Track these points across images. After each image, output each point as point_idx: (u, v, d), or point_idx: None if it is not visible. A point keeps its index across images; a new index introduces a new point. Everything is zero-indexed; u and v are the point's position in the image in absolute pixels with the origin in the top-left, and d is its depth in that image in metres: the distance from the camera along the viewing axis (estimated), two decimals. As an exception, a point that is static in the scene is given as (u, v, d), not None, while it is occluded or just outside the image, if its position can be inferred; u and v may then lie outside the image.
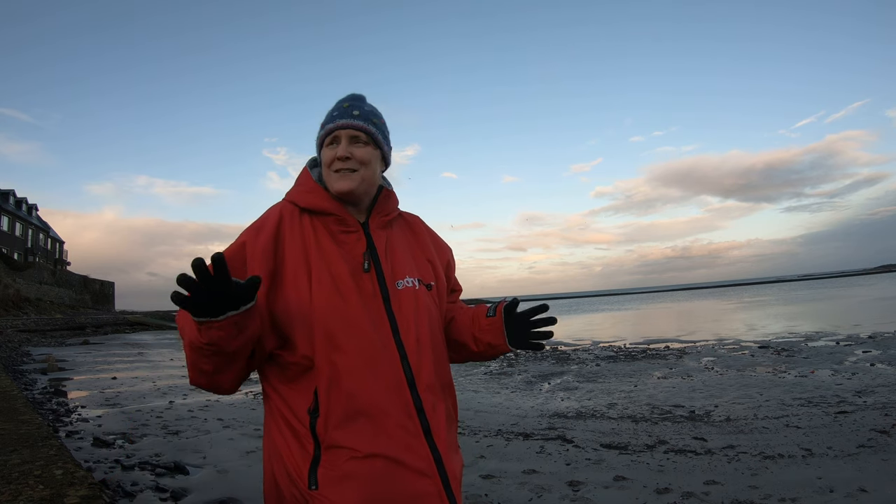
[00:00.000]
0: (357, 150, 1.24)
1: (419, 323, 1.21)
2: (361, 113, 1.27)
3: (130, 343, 20.25)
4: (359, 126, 1.25)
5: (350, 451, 1.09)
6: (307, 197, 1.25)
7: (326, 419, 1.10)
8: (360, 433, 1.10)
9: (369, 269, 1.21)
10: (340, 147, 1.24)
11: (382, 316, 1.18)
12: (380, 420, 1.11)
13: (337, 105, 1.30)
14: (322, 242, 1.20)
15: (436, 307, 1.30)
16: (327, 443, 1.10)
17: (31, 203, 48.06)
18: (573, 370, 9.79)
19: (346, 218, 1.24)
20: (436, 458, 1.14)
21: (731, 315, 24.64)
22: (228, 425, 5.46)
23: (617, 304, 63.05)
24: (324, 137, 1.27)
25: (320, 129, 1.29)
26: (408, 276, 1.25)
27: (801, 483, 3.45)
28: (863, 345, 10.53)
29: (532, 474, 3.85)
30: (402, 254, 1.29)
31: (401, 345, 1.17)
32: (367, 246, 1.24)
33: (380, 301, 1.19)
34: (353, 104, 1.29)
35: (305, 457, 1.11)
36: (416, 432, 1.13)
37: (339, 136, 1.25)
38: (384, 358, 1.14)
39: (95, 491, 1.78)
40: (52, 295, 40.92)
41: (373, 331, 1.15)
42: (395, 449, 1.10)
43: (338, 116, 1.26)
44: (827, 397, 6.17)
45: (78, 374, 10.03)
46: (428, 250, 1.38)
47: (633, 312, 36.86)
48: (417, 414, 1.14)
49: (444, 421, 1.20)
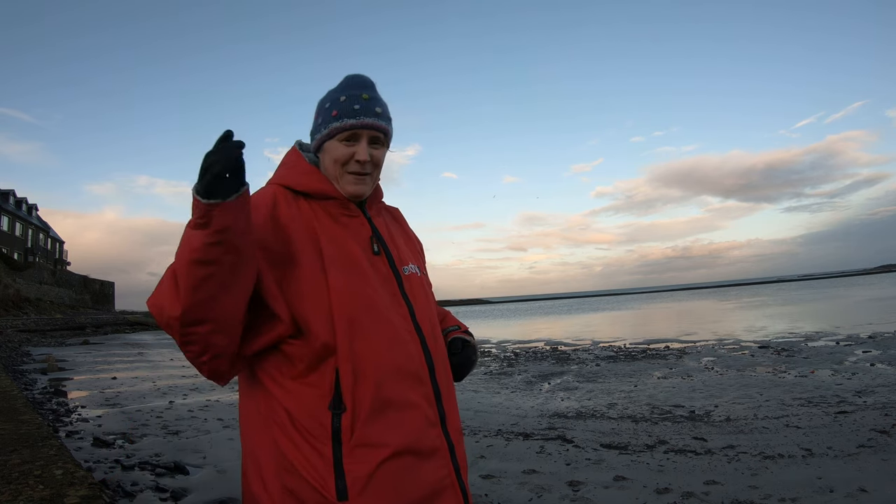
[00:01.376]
0: (376, 153, 1.17)
1: (430, 308, 1.19)
2: (383, 111, 1.17)
3: (130, 343, 20.26)
4: (383, 128, 1.16)
5: (380, 450, 1.01)
6: (304, 179, 1.16)
7: (354, 414, 1.01)
8: (390, 426, 1.03)
9: (379, 252, 1.15)
10: (361, 149, 1.14)
11: (400, 300, 1.13)
12: (408, 410, 1.05)
13: (353, 93, 1.16)
14: (326, 224, 1.12)
15: (433, 296, 1.30)
16: (354, 441, 1.00)
17: (31, 203, 48.11)
18: (573, 370, 9.78)
19: (347, 203, 1.17)
20: (449, 447, 1.12)
21: (731, 315, 24.64)
22: (228, 425, 5.46)
23: (617, 304, 63.06)
24: (340, 131, 1.14)
25: (331, 117, 1.15)
26: (411, 263, 1.22)
27: (801, 483, 3.45)
28: (863, 345, 10.53)
29: (532, 474, 3.85)
30: (401, 241, 1.26)
31: (420, 330, 1.13)
32: (373, 230, 1.18)
33: (395, 285, 1.14)
34: (373, 97, 1.17)
35: (325, 464, 0.99)
36: (435, 421, 1.10)
37: (359, 134, 1.14)
38: (409, 345, 1.09)
39: (95, 491, 1.78)
40: (52, 295, 40.92)
41: (396, 314, 1.10)
42: (419, 440, 1.06)
43: (361, 112, 1.14)
44: (827, 397, 6.17)
45: (78, 374, 10.04)
46: (414, 241, 1.36)
47: (633, 312, 36.85)
48: (436, 402, 1.11)
49: (455, 407, 1.19)
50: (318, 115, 1.19)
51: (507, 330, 24.63)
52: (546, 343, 16.52)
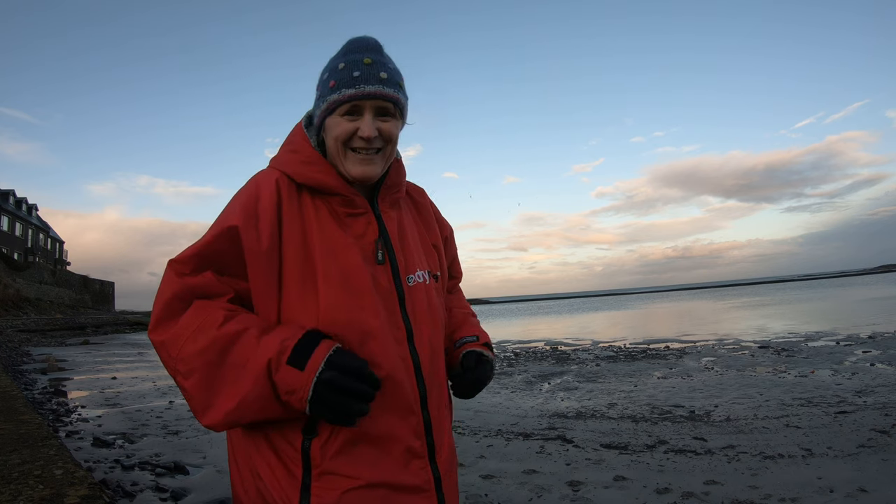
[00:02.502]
0: (385, 126, 1.01)
1: (434, 327, 1.07)
2: (389, 75, 1.01)
3: (130, 343, 20.25)
4: (389, 96, 1.00)
5: (349, 480, 0.94)
6: (306, 170, 1.02)
7: (326, 443, 0.94)
8: (362, 459, 0.96)
9: (384, 260, 1.03)
10: (365, 124, 0.99)
11: (398, 321, 1.01)
12: (386, 444, 0.97)
13: (353, 58, 1.01)
14: (326, 228, 1.00)
15: (442, 304, 1.16)
16: (323, 469, 0.94)
17: (31, 203, 48.13)
18: (573, 370, 9.78)
19: (354, 199, 1.03)
20: (435, 481, 1.03)
21: (731, 315, 24.63)
22: (228, 425, 5.46)
23: (617, 303, 63.05)
24: (339, 103, 1.00)
25: (329, 89, 1.01)
26: (418, 270, 1.08)
27: (801, 483, 3.45)
28: (863, 345, 10.53)
29: (532, 474, 3.85)
30: (413, 240, 1.12)
31: (415, 355, 1.02)
32: (380, 232, 1.05)
33: (395, 300, 1.02)
34: (377, 59, 1.01)
35: (293, 483, 0.94)
36: (422, 453, 1.02)
37: (361, 106, 0.99)
38: (399, 370, 0.99)
39: (95, 491, 1.78)
40: (52, 295, 40.94)
41: (391, 339, 0.99)
42: (398, 474, 0.98)
43: (361, 80, 0.98)
44: (827, 397, 6.17)
45: (78, 374, 10.04)
46: (434, 232, 1.21)
47: (633, 312, 36.84)
48: (426, 434, 1.02)
49: (447, 438, 1.10)
50: (318, 89, 1.05)
51: (507, 330, 24.63)
52: (546, 343, 16.52)
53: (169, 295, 0.94)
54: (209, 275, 0.96)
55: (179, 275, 0.96)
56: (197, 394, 0.90)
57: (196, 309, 0.93)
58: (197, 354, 0.89)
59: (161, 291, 0.96)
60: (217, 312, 0.92)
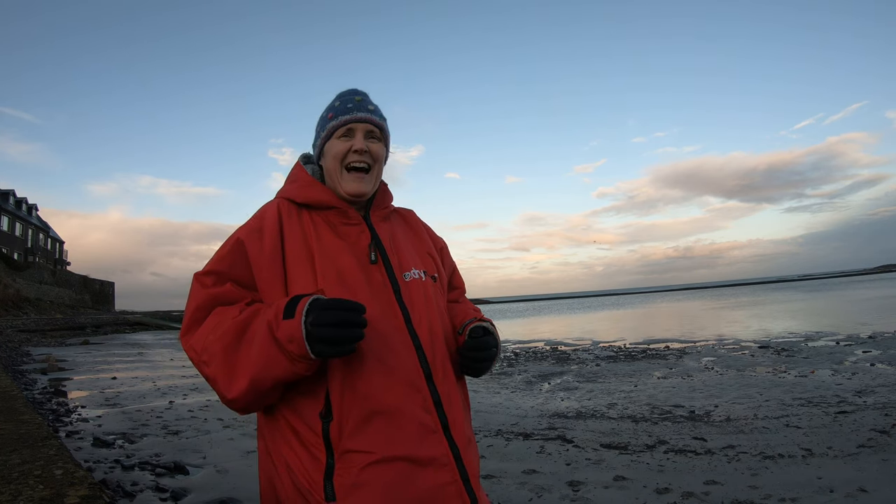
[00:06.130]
0: (373, 146, 1.23)
1: (431, 314, 1.18)
2: (375, 109, 1.26)
3: (130, 343, 20.26)
4: (376, 121, 1.24)
5: (367, 455, 1.03)
6: (305, 191, 1.22)
7: (341, 423, 1.04)
8: (377, 435, 1.05)
9: (376, 260, 1.17)
10: (357, 140, 1.21)
11: (395, 308, 1.13)
12: (397, 418, 1.06)
13: (347, 98, 1.26)
14: (324, 236, 1.16)
15: (443, 299, 1.29)
16: (342, 448, 1.04)
17: (30, 203, 48.13)
18: (573, 370, 9.79)
19: (347, 210, 1.21)
20: (454, 454, 1.10)
21: (731, 315, 24.63)
22: (228, 425, 5.46)
23: (618, 303, 63.04)
24: (336, 128, 1.23)
25: (328, 120, 1.25)
26: (414, 268, 1.22)
27: (801, 483, 3.45)
28: (863, 345, 10.53)
29: (532, 474, 3.85)
30: (406, 246, 1.26)
31: (415, 336, 1.13)
32: (372, 237, 1.20)
33: (390, 292, 1.15)
34: (365, 99, 1.27)
35: (317, 466, 1.04)
36: (435, 427, 1.09)
37: (354, 129, 1.23)
38: (400, 352, 1.10)
39: (95, 491, 1.78)
40: (52, 295, 40.92)
41: (385, 324, 1.11)
42: (413, 447, 1.05)
43: (354, 109, 1.23)
44: (827, 397, 6.17)
45: (78, 374, 10.03)
46: (426, 244, 1.35)
47: (633, 312, 36.84)
48: (435, 408, 1.10)
49: (461, 413, 1.17)
50: (318, 126, 1.29)
51: (507, 330, 24.63)
52: (546, 343, 16.52)
53: (196, 304, 1.10)
54: (229, 285, 1.12)
55: (204, 286, 1.12)
56: (220, 375, 1.02)
57: (216, 313, 1.09)
58: (216, 341, 1.03)
59: (189, 301, 1.12)
60: (233, 310, 1.08)
